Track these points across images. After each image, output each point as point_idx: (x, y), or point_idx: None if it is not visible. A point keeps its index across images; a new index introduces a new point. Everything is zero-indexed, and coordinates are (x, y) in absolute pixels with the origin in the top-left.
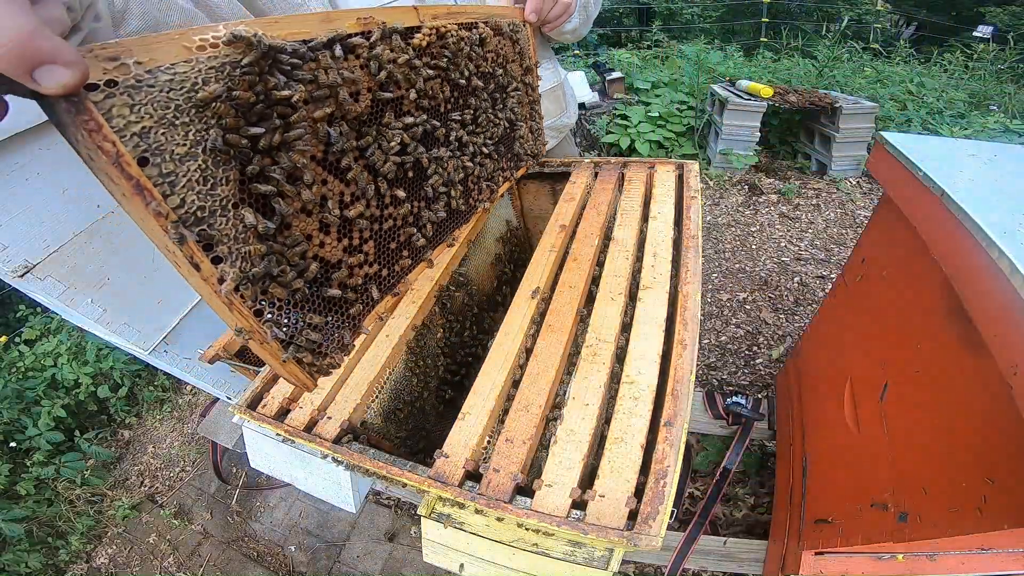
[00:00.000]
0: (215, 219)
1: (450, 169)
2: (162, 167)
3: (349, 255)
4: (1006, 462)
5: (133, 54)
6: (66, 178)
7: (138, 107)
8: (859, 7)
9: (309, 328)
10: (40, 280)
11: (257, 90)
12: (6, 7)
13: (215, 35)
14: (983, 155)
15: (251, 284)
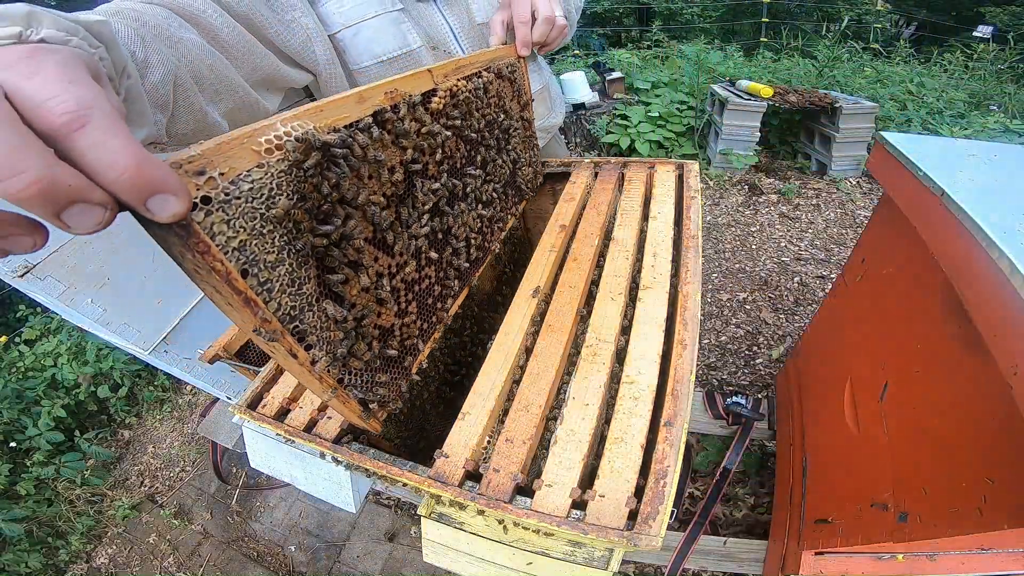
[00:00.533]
0: (304, 315)
1: (469, 221)
2: (259, 276)
3: (400, 319)
4: (1006, 462)
5: (216, 165)
6: None
7: (232, 221)
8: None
9: (378, 385)
10: (40, 280)
11: (323, 191)
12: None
13: (277, 135)
14: (983, 155)
15: (336, 362)
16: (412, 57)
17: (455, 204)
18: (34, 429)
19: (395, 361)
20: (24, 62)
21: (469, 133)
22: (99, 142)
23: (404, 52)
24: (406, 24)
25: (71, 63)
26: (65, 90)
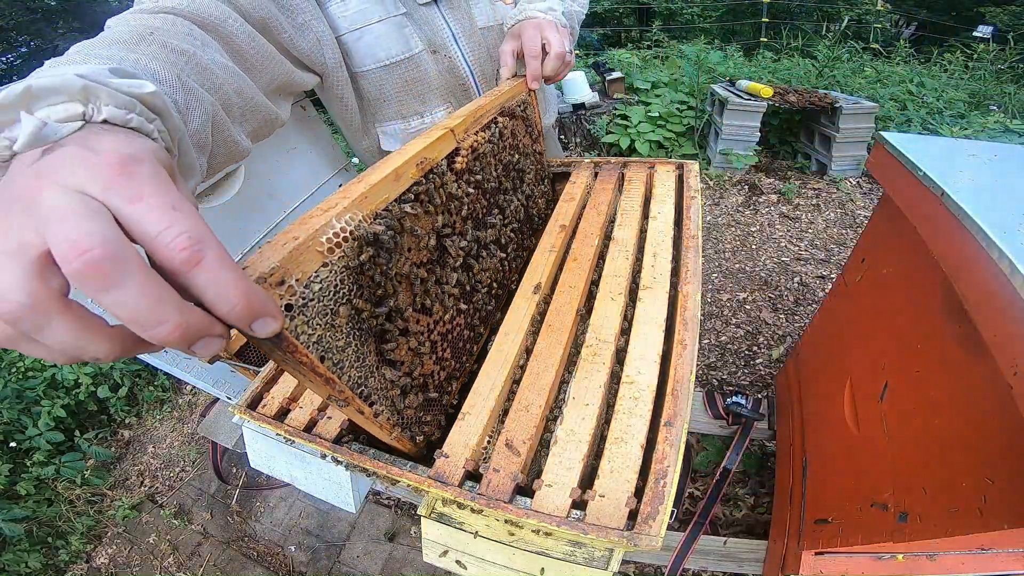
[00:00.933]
0: (368, 381)
1: (492, 266)
2: (334, 359)
3: (438, 365)
4: (1006, 462)
5: (291, 273)
6: None
7: (311, 321)
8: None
9: (423, 424)
10: None
11: (376, 279)
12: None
13: (335, 232)
14: (983, 155)
15: (395, 413)
16: (414, 61)
17: (480, 254)
18: (34, 429)
19: (435, 401)
20: (121, 179)
21: (489, 184)
22: (215, 279)
23: (407, 56)
24: (408, 28)
25: (160, 176)
26: (174, 221)
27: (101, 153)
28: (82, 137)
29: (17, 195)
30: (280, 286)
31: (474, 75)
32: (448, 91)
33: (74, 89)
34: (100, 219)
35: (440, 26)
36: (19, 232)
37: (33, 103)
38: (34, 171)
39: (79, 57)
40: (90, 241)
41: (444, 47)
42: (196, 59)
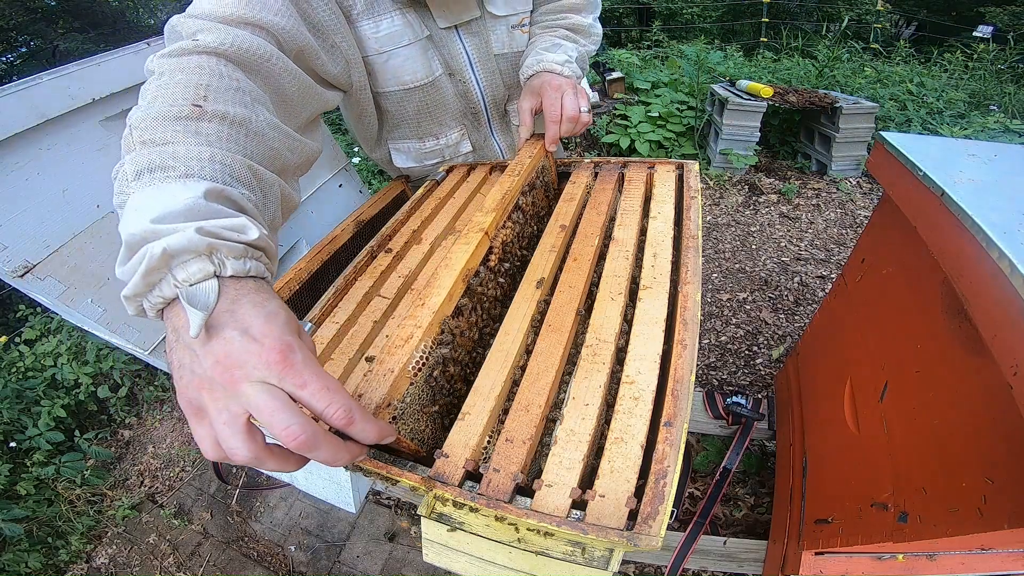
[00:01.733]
0: None
1: None
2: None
3: None
4: (1006, 462)
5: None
6: (66, 178)
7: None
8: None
9: None
10: (40, 280)
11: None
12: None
13: (417, 361)
14: (983, 155)
15: None
16: (435, 85)
17: None
18: (34, 429)
19: None
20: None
21: (515, 265)
22: (363, 430)
23: (429, 81)
24: (431, 51)
25: (310, 360)
26: (331, 400)
27: (263, 342)
28: (230, 312)
29: (214, 380)
30: (388, 408)
31: (485, 100)
32: (463, 114)
33: (201, 247)
34: (292, 411)
35: (458, 50)
36: (228, 407)
37: (171, 262)
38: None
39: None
40: (292, 432)
41: (460, 71)
42: (253, 127)
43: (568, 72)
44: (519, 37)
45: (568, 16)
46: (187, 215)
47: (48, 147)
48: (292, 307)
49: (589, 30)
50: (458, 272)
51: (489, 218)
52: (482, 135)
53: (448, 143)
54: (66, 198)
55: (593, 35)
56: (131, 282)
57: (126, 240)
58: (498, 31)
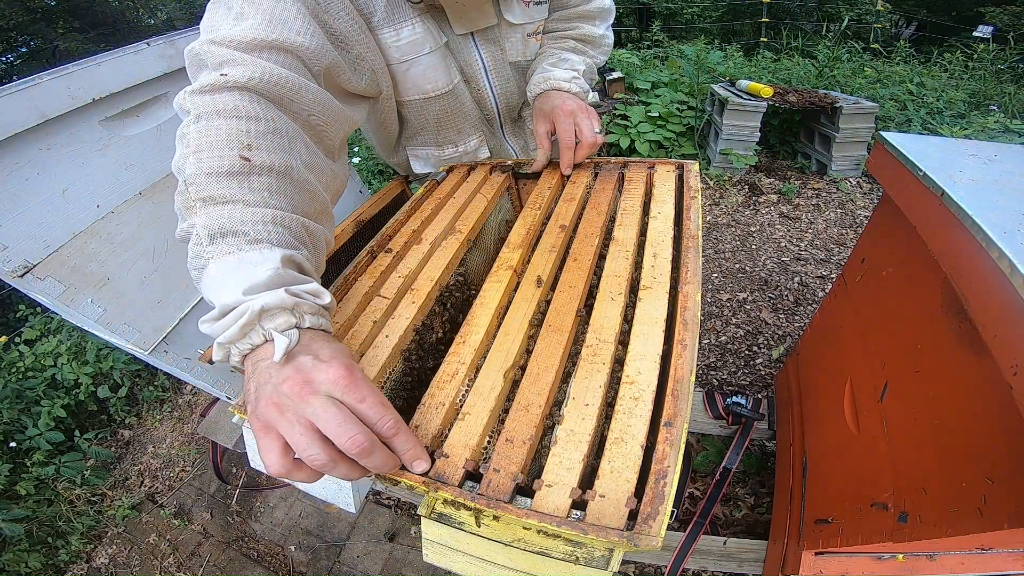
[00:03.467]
0: None
1: None
2: None
3: None
4: (1006, 462)
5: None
6: (66, 178)
7: None
8: (859, 7)
9: None
10: (40, 280)
11: None
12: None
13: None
14: (983, 155)
15: None
16: (454, 92)
17: None
18: (34, 429)
19: None
20: (350, 387)
21: None
22: (404, 443)
23: (449, 89)
24: (449, 58)
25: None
26: (383, 414)
27: (331, 363)
28: (305, 346)
29: (286, 396)
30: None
31: (499, 107)
32: (481, 120)
33: (288, 304)
34: (353, 422)
35: (474, 58)
36: (299, 419)
37: (263, 316)
38: (288, 378)
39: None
40: (358, 440)
41: (475, 78)
42: (295, 175)
43: (576, 88)
44: (533, 45)
45: (579, 26)
46: (269, 285)
47: (48, 147)
48: None
49: (599, 41)
50: (493, 310)
51: (516, 255)
52: (496, 140)
53: (467, 150)
54: (66, 198)
55: (603, 46)
56: (226, 333)
57: (220, 306)
58: (513, 39)
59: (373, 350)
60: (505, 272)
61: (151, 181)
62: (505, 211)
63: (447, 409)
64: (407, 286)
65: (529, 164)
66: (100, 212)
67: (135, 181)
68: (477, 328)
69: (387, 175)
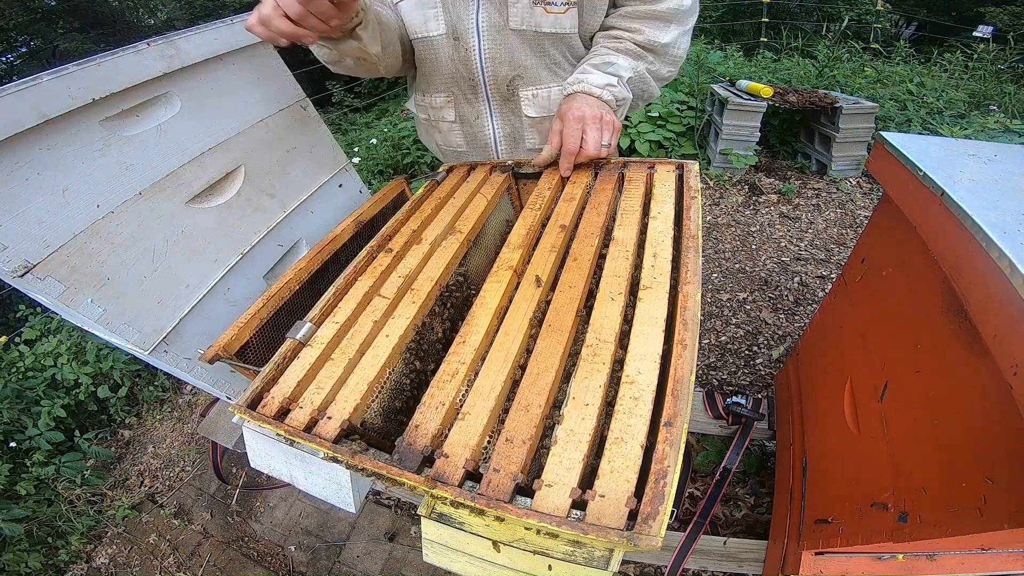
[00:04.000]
0: None
1: None
2: None
3: None
4: (1006, 462)
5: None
6: (66, 178)
7: None
8: (859, 7)
9: None
10: (40, 280)
11: None
12: None
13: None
14: (983, 155)
15: None
16: (428, 43)
17: None
18: (34, 429)
19: None
20: None
21: None
22: None
23: (420, 37)
24: (435, 10)
25: None
26: None
27: None
28: None
29: None
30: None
31: (485, 73)
32: (454, 80)
33: None
34: None
35: (469, 16)
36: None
37: None
38: None
39: None
40: None
41: (465, 36)
42: None
43: (608, 96)
44: (542, 16)
45: (643, 30)
46: None
47: (48, 147)
48: (292, 307)
49: (664, 50)
50: (493, 311)
51: (516, 255)
52: (475, 110)
53: (432, 104)
54: (66, 198)
55: (669, 55)
56: None
57: None
58: (519, 4)
59: (373, 350)
60: (505, 272)
61: (151, 181)
62: (505, 211)
63: (447, 409)
64: (407, 286)
65: (529, 163)
66: (100, 212)
67: (135, 181)
68: (477, 328)
69: (387, 175)
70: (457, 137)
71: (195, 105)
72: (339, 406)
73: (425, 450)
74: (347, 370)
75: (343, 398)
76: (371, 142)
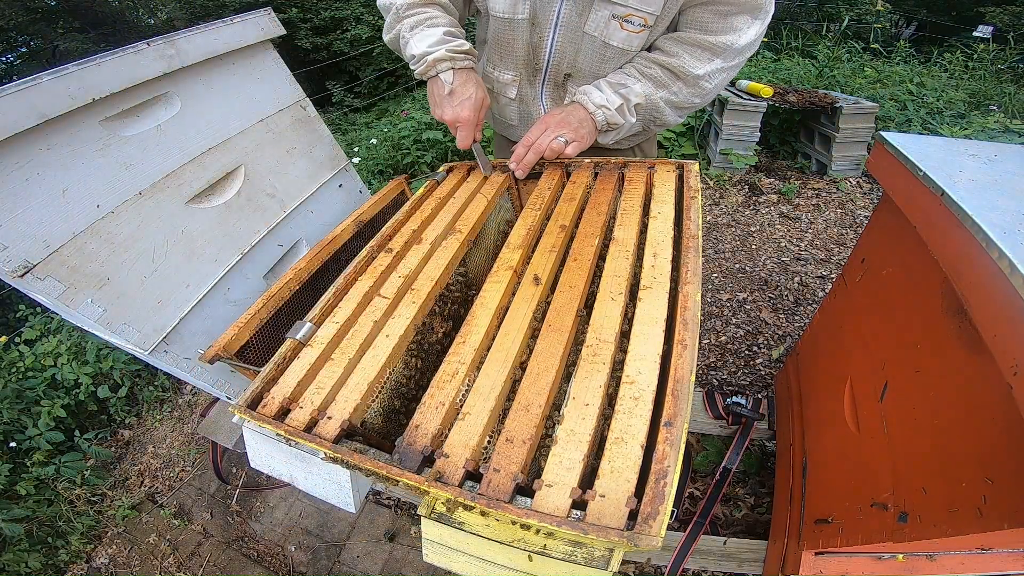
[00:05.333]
0: None
1: None
2: None
3: None
4: (1006, 462)
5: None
6: (66, 178)
7: None
8: (859, 7)
9: None
10: (40, 280)
11: None
12: None
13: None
14: (983, 155)
15: None
16: (510, 24)
17: None
18: (34, 429)
19: None
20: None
21: None
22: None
23: (507, 18)
24: None
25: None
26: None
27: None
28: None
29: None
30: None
31: (550, 64)
32: (524, 61)
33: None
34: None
35: (553, 7)
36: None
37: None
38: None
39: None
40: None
41: (542, 25)
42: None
43: (600, 117)
44: (616, 30)
45: (682, 56)
46: (440, 43)
47: (48, 147)
48: (292, 307)
49: (696, 81)
50: (493, 311)
51: (517, 255)
52: (533, 92)
53: (500, 79)
54: (66, 198)
55: (700, 87)
56: (418, 70)
57: (417, 55)
58: (599, 13)
59: (373, 350)
60: (505, 272)
61: (151, 181)
62: (505, 211)
63: (447, 409)
64: (407, 286)
65: None
66: (100, 212)
67: (135, 181)
68: (477, 328)
69: (387, 175)
70: (512, 113)
71: (195, 105)
72: (339, 406)
73: (425, 450)
74: (347, 370)
75: (343, 398)
76: (371, 142)
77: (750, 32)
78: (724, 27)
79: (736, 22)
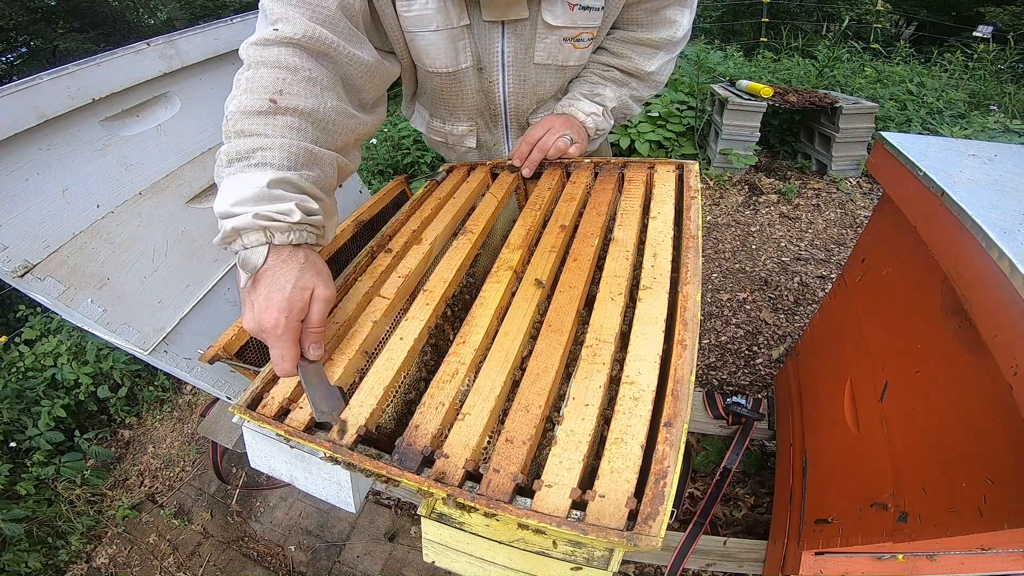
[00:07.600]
0: None
1: None
2: None
3: None
4: (1006, 462)
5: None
6: (66, 178)
7: None
8: (859, 7)
9: None
10: (40, 280)
11: None
12: None
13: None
14: (983, 155)
15: None
16: (456, 76)
17: None
18: (34, 429)
19: None
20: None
21: None
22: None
23: (449, 71)
24: (464, 42)
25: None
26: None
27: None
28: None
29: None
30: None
31: (507, 104)
32: (478, 111)
33: (255, 226)
34: None
35: (495, 48)
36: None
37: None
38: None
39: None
40: None
41: (489, 69)
42: (319, 116)
43: (591, 124)
44: (570, 51)
45: (632, 56)
46: (254, 201)
47: (48, 147)
48: None
49: (649, 77)
50: (493, 311)
51: (516, 255)
52: (495, 137)
53: (453, 132)
54: (66, 198)
55: (653, 81)
56: (216, 238)
57: (217, 214)
58: (547, 40)
59: (387, 353)
60: (505, 272)
61: (151, 181)
62: (512, 211)
63: (447, 409)
64: (407, 286)
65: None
66: (100, 212)
67: (135, 181)
68: (477, 328)
69: (387, 175)
70: (473, 158)
71: (195, 105)
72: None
73: (425, 450)
74: (347, 370)
75: (358, 403)
76: (371, 142)
77: (684, 22)
78: (659, 21)
79: (669, 14)
